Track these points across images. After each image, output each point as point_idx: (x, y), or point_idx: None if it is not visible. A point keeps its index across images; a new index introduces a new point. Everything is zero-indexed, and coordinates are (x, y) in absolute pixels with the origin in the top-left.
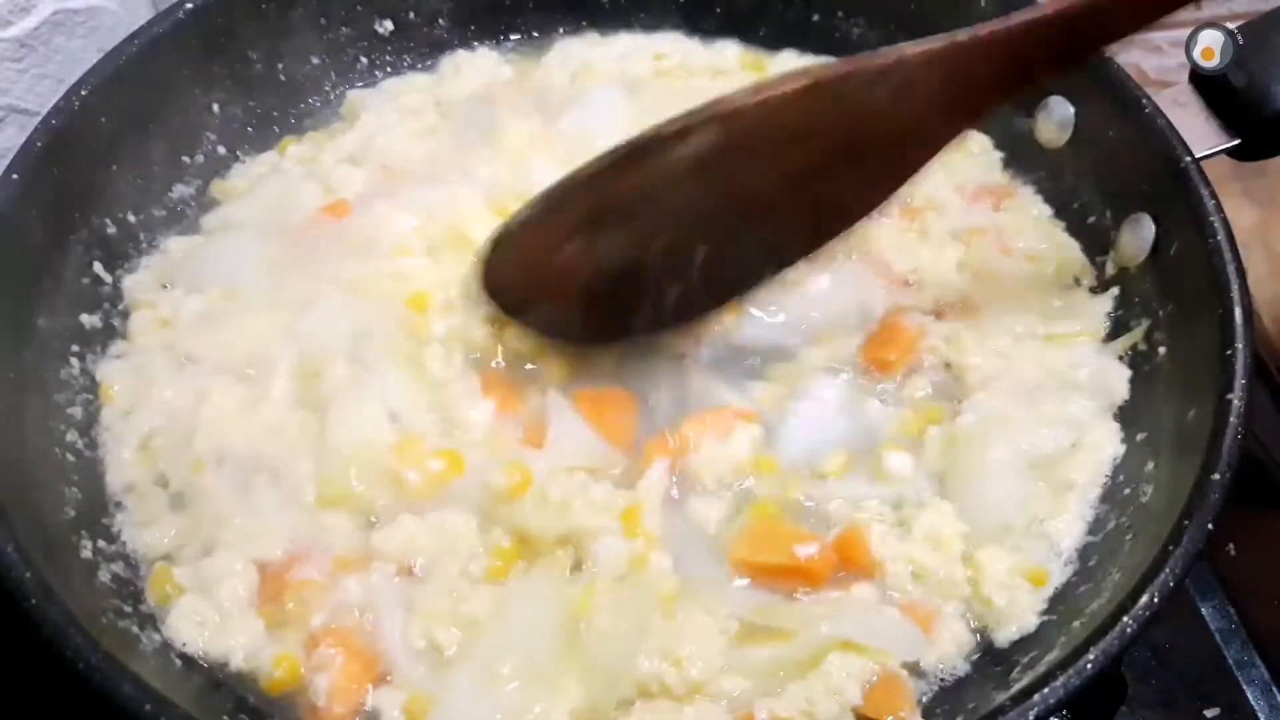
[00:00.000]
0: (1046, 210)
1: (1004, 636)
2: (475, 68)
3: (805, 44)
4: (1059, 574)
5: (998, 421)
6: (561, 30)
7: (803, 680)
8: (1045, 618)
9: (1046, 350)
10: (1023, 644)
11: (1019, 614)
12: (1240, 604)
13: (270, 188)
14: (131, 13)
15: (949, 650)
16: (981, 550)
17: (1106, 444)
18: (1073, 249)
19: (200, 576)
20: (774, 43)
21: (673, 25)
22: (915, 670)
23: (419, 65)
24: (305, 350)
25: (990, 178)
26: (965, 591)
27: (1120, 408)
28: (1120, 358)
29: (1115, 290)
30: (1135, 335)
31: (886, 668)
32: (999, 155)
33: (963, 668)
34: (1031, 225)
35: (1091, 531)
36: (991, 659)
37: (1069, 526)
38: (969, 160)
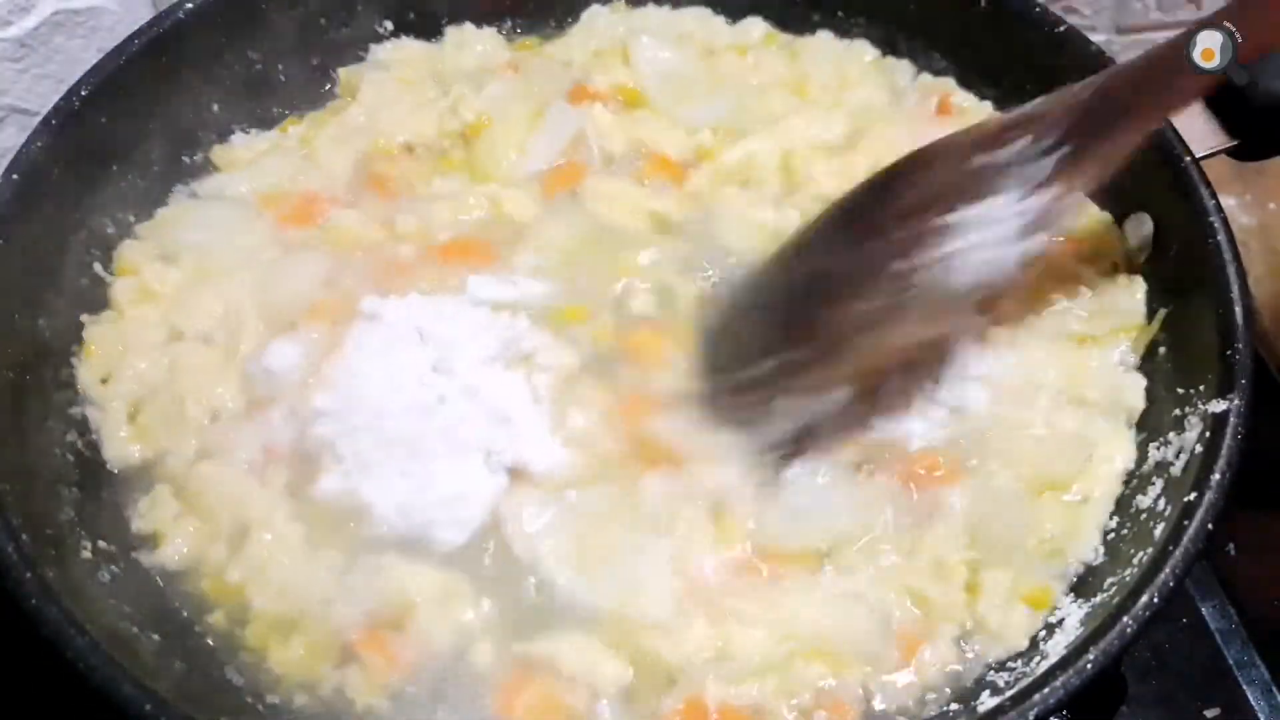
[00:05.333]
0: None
1: (993, 656)
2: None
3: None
4: (1065, 590)
5: (1013, 438)
6: None
7: (760, 679)
8: (1039, 635)
9: (1076, 354)
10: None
11: (1011, 635)
12: (1240, 604)
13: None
14: (131, 13)
15: (932, 669)
16: (985, 572)
17: (1121, 456)
18: (1107, 222)
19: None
20: (803, 25)
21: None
22: (889, 685)
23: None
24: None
25: None
26: (963, 615)
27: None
28: (1137, 368)
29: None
30: (1153, 329)
31: (843, 678)
32: None
33: (947, 684)
34: None
35: (1103, 543)
36: (979, 679)
37: (1082, 546)
38: None
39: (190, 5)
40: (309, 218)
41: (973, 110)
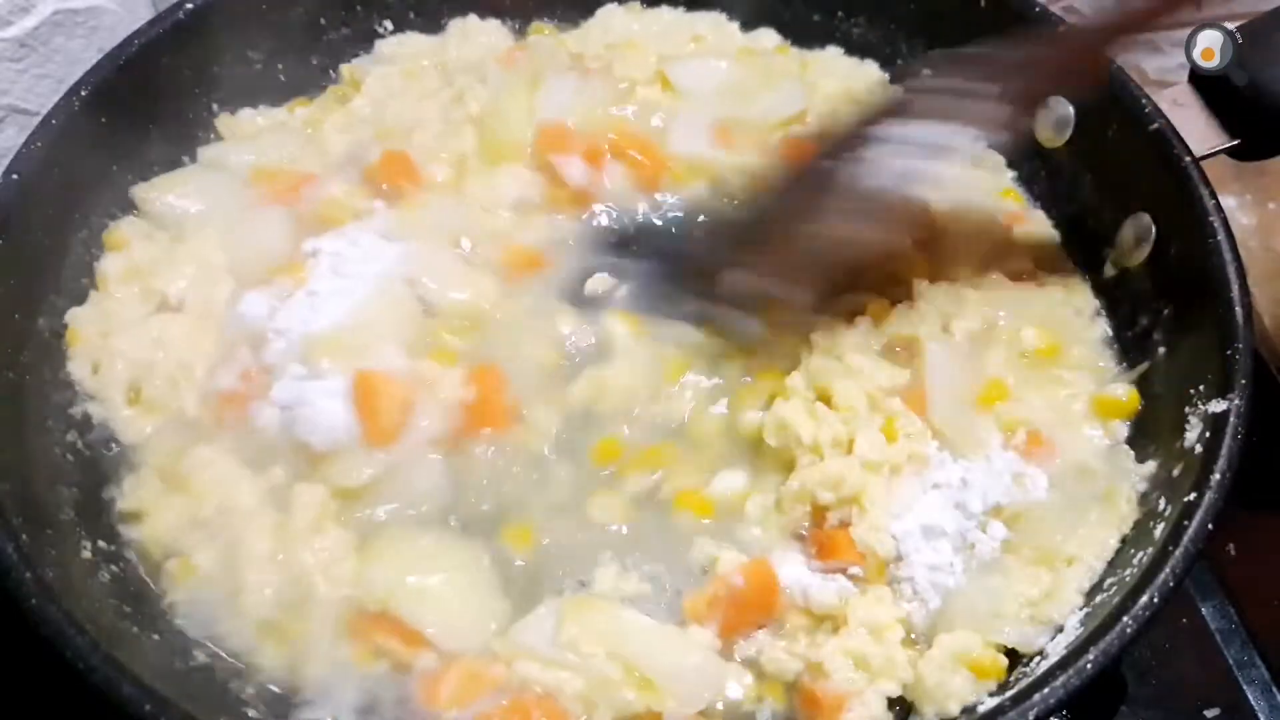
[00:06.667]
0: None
1: (929, 712)
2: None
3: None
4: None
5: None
6: None
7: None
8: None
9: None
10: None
11: (942, 699)
12: (1240, 604)
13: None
14: (131, 13)
15: None
16: (948, 634)
17: (1114, 530)
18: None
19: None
20: (810, 37)
21: (718, 6)
22: None
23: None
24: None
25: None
26: (905, 674)
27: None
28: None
29: (1107, 321)
30: (1141, 369)
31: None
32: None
33: None
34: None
35: (1090, 595)
36: None
37: (1066, 605)
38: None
39: (190, 5)
40: (296, 196)
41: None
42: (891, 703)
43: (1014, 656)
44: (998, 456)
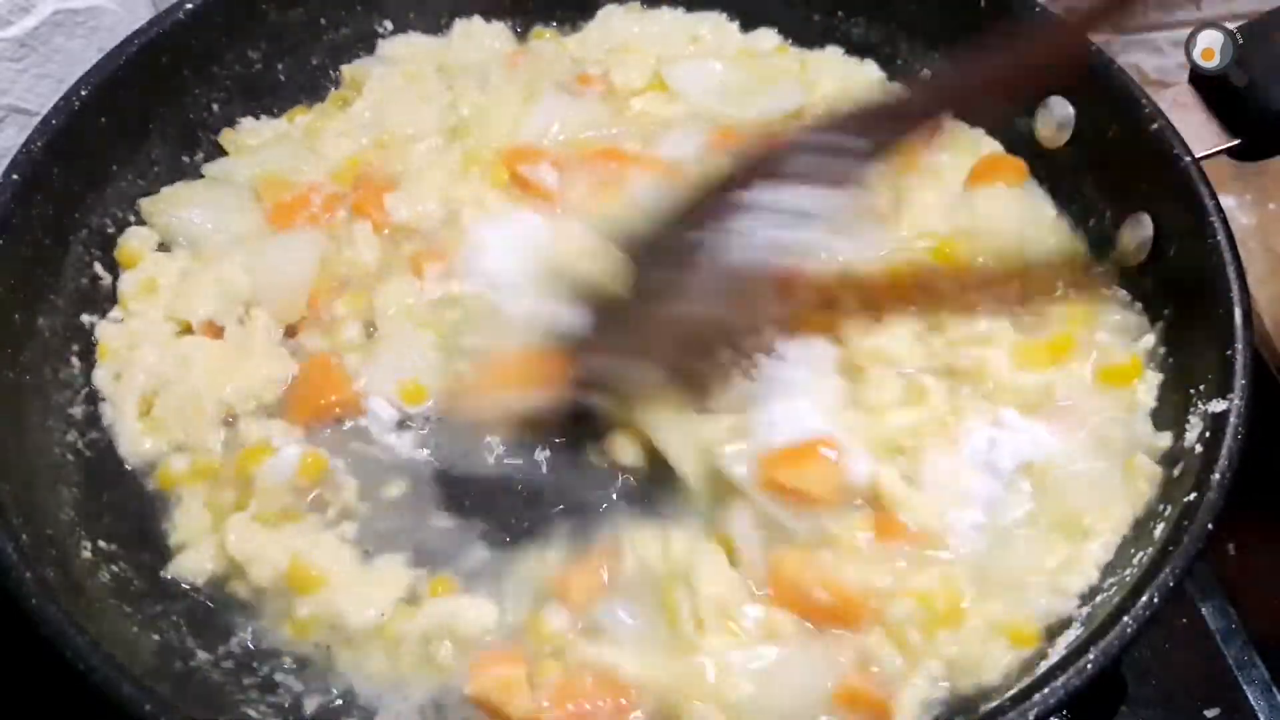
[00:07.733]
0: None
1: (968, 685)
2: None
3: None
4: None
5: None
6: None
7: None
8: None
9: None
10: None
11: (987, 668)
12: (1240, 604)
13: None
14: (131, 13)
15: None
16: (982, 604)
17: (1132, 501)
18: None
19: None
20: (811, 36)
21: (717, 6)
22: None
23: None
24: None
25: None
26: (947, 650)
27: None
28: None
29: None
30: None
31: None
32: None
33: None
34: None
35: (1107, 568)
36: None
37: (1084, 574)
38: None
39: (190, 5)
40: (301, 210)
41: (962, 136)
42: None
43: None
44: (1018, 420)
